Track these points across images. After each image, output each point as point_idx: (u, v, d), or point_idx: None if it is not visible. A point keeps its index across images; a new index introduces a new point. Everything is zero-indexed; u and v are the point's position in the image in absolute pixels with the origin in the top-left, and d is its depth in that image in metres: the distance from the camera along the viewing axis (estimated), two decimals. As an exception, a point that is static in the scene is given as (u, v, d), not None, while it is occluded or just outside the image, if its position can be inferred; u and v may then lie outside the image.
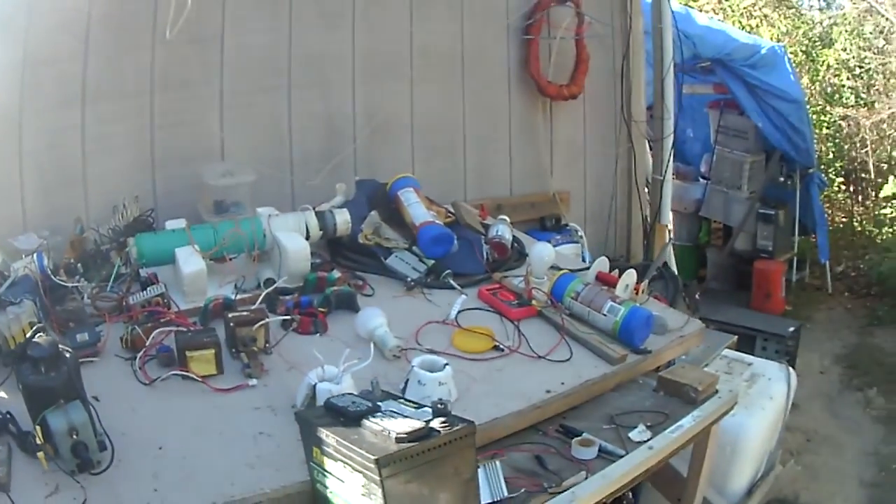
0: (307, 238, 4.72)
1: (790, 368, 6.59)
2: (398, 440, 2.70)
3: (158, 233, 4.61)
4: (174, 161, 5.41)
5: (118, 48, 5.13)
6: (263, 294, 4.27)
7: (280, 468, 3.14)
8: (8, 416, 3.11)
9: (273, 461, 3.19)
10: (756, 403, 6.01)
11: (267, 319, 3.94)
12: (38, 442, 2.89)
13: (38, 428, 2.89)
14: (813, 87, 14.55)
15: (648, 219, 8.51)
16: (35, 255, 4.11)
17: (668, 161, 8.34)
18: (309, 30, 5.97)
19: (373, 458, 2.62)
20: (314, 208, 5.06)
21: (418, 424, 2.79)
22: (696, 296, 8.45)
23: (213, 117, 5.61)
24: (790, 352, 9.24)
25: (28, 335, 3.30)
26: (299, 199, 5.66)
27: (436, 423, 2.83)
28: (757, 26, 15.29)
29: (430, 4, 6.65)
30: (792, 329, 9.43)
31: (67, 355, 3.02)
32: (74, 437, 2.89)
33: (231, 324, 3.84)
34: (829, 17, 16.31)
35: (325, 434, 2.82)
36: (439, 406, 2.96)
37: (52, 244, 4.42)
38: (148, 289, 4.18)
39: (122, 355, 3.78)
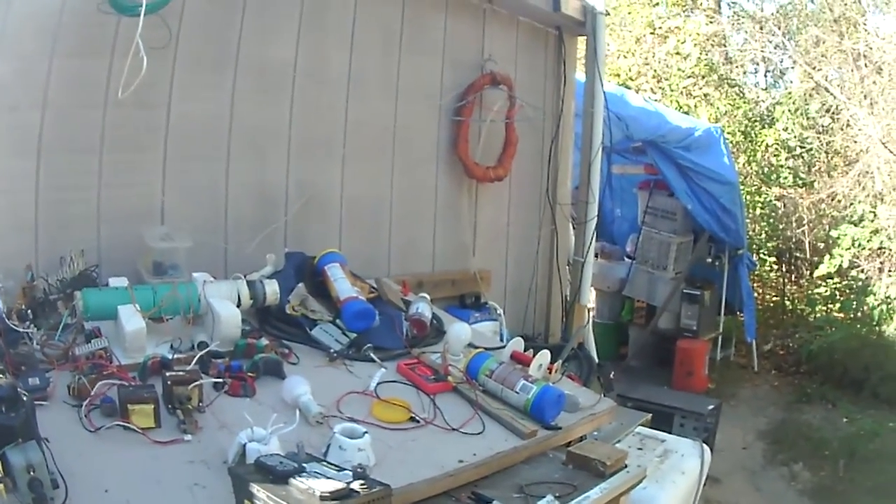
0: (238, 305, 5.04)
1: (703, 445, 6.91)
2: (322, 498, 3.05)
3: (103, 289, 4.87)
4: (118, 220, 5.64)
5: (75, 103, 5.40)
6: (198, 356, 4.51)
7: None
8: (-33, 447, 3.36)
9: None
10: (667, 478, 6.33)
11: (201, 381, 4.19)
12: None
13: (-1, 462, 3.17)
14: (749, 167, 14.97)
15: (568, 298, 8.87)
16: (-8, 297, 4.32)
17: (590, 243, 8.71)
18: (249, 103, 6.32)
19: None
20: (245, 276, 5.38)
21: (340, 485, 3.15)
22: (611, 375, 8.75)
23: (156, 180, 5.88)
24: (709, 429, 9.53)
25: (-12, 376, 3.50)
26: (232, 265, 5.96)
27: (355, 485, 3.18)
28: (696, 106, 15.67)
29: (366, 83, 7.10)
30: (711, 407, 9.75)
31: (24, 398, 3.34)
32: (31, 473, 3.15)
33: (168, 382, 4.11)
34: (773, 97, 16.86)
35: (257, 489, 3.14)
36: (358, 470, 3.34)
37: (5, 288, 4.71)
38: (92, 341, 4.44)
39: (70, 402, 4.00)
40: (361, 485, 3.22)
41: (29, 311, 4.63)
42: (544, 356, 5.28)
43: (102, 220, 5.65)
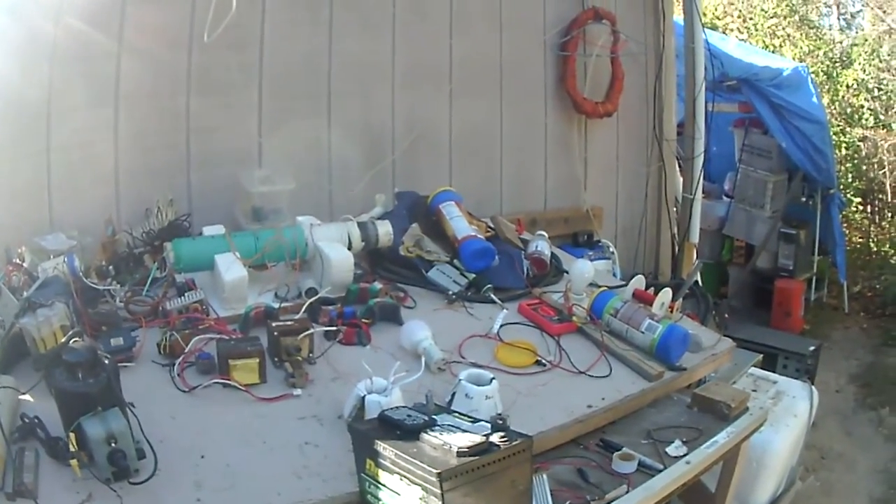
0: (349, 249, 4.65)
1: (813, 387, 6.56)
2: (459, 454, 2.68)
3: (196, 238, 4.55)
4: (209, 165, 5.34)
5: (153, 48, 5.05)
6: (307, 304, 4.20)
7: (327, 479, 3.10)
8: (36, 420, 3.03)
9: (320, 471, 3.14)
10: (781, 421, 6.00)
11: (312, 329, 3.89)
12: (72, 449, 2.79)
13: (71, 435, 2.81)
14: (833, 108, 14.47)
15: (677, 237, 8.51)
16: (66, 256, 4.04)
17: (699, 180, 8.35)
18: (349, 38, 5.91)
19: (435, 471, 2.61)
20: (354, 218, 4.98)
21: (478, 439, 2.78)
22: (725, 315, 8.43)
23: (251, 122, 5.54)
24: (810, 370, 9.11)
25: (63, 339, 3.23)
26: (337, 208, 5.62)
27: (495, 438, 2.81)
28: (780, 45, 15.36)
29: (468, 18, 6.58)
30: (812, 348, 9.28)
31: (106, 361, 2.95)
32: (112, 444, 2.81)
33: (275, 333, 3.78)
34: (849, 38, 16.40)
35: (382, 447, 2.79)
36: (498, 421, 2.96)
37: (82, 245, 4.36)
38: (186, 294, 4.11)
39: (159, 361, 3.71)
40: (501, 437, 2.84)
41: (110, 268, 4.37)
42: (666, 294, 4.83)
43: (192, 166, 5.37)
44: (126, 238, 4.63)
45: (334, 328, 4.14)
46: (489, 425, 2.93)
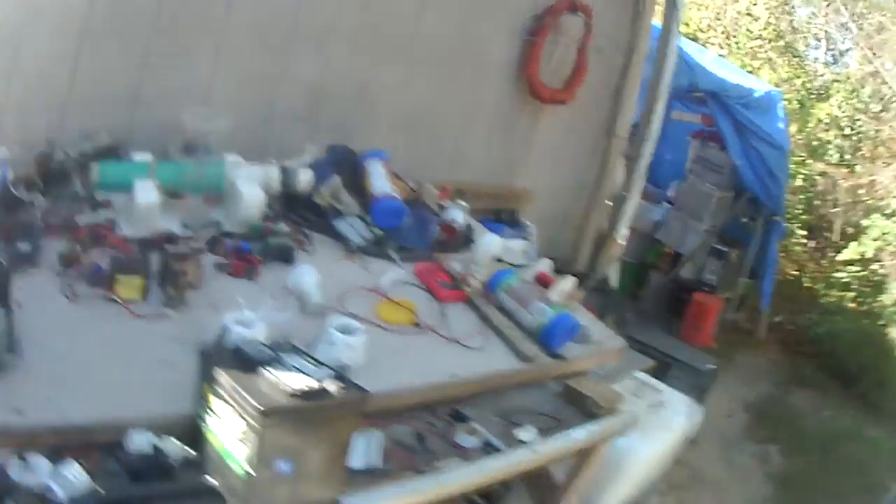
0: (266, 190, 4.80)
1: (699, 406, 6.64)
2: (290, 395, 2.81)
3: (123, 162, 4.69)
4: (159, 101, 5.32)
5: None
6: (208, 235, 4.35)
7: (174, 398, 3.18)
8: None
9: (169, 390, 3.23)
10: (654, 432, 5.99)
11: (201, 257, 4.03)
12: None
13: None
14: (800, 138, 14.45)
15: (605, 231, 8.52)
16: (-1, 164, 4.15)
17: (637, 180, 8.37)
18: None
19: (259, 408, 2.72)
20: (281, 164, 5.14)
21: (313, 384, 2.89)
22: (625, 314, 8.51)
23: (204, 63, 5.59)
24: (703, 388, 9.16)
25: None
26: (273, 154, 5.49)
27: (331, 385, 2.92)
28: (759, 68, 15.28)
29: None
30: (710, 366, 9.47)
31: (1, 262, 3.12)
32: None
33: (165, 256, 3.90)
34: (832, 73, 16.29)
35: (221, 375, 2.89)
36: (340, 369, 3.07)
37: (22, 159, 4.40)
38: (98, 211, 4.27)
39: (59, 271, 3.82)
40: (339, 387, 2.96)
41: (40, 182, 4.46)
42: (568, 281, 5.01)
43: (140, 101, 5.35)
44: (61, 156, 4.67)
45: (226, 260, 4.26)
46: (333, 373, 3.02)
